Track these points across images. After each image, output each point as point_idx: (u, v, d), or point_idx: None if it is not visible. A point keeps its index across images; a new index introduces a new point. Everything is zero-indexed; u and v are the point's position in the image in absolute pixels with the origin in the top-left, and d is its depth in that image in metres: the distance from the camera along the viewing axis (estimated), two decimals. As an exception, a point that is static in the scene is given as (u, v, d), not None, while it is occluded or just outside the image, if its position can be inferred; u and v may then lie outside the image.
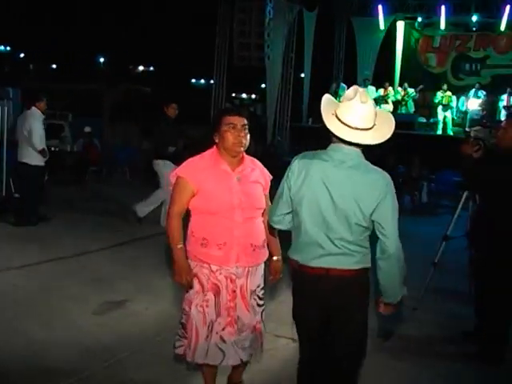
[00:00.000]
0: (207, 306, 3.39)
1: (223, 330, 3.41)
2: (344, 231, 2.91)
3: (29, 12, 39.24)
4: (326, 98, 2.99)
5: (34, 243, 7.65)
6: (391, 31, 21.07)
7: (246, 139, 3.41)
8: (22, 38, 39.59)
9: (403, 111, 18.56)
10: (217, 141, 3.44)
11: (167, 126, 8.81)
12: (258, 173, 3.55)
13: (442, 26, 19.60)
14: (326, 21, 21.04)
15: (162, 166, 8.55)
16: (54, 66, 45.59)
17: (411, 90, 18.45)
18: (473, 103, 17.18)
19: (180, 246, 3.38)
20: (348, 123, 2.84)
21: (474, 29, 19.43)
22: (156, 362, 4.32)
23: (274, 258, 3.68)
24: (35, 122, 8.45)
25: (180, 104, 8.97)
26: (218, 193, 3.35)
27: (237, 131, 3.36)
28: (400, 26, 21.20)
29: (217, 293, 3.40)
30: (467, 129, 5.31)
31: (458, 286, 6.27)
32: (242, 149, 3.43)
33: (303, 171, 2.97)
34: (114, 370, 4.17)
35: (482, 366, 4.59)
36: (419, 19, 20.46)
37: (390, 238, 2.89)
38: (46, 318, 5.05)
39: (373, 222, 2.91)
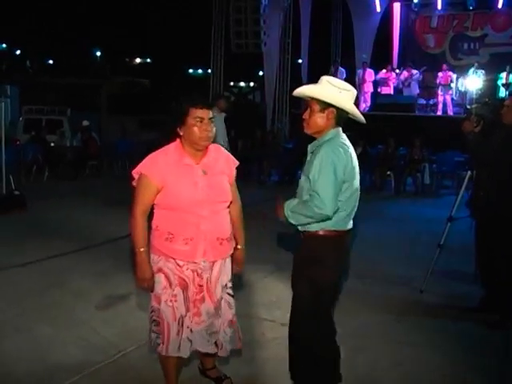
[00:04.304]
0: (176, 301, 3.30)
1: (191, 322, 3.34)
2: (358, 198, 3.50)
3: (23, 8, 39.06)
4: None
5: (34, 240, 7.64)
6: (388, 13, 20.86)
7: (213, 132, 3.28)
8: (18, 35, 39.46)
9: (407, 93, 18.41)
10: (181, 133, 3.28)
11: None
12: (223, 162, 3.43)
13: (439, 6, 19.40)
14: (322, 5, 20.86)
15: None
16: (51, 61, 45.44)
17: (415, 72, 18.28)
18: (472, 82, 17.01)
19: (143, 249, 3.26)
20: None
21: (471, 8, 19.16)
22: (162, 355, 4.28)
23: (239, 246, 3.59)
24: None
25: (179, 95, 8.95)
26: (183, 188, 3.23)
27: (204, 125, 3.21)
28: (396, 7, 20.98)
29: (185, 288, 3.31)
30: (468, 106, 5.28)
31: (463, 267, 6.21)
32: (209, 143, 3.30)
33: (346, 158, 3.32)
34: (120, 365, 4.14)
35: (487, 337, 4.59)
36: (415, 0, 20.26)
37: None
38: (50, 315, 5.02)
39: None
